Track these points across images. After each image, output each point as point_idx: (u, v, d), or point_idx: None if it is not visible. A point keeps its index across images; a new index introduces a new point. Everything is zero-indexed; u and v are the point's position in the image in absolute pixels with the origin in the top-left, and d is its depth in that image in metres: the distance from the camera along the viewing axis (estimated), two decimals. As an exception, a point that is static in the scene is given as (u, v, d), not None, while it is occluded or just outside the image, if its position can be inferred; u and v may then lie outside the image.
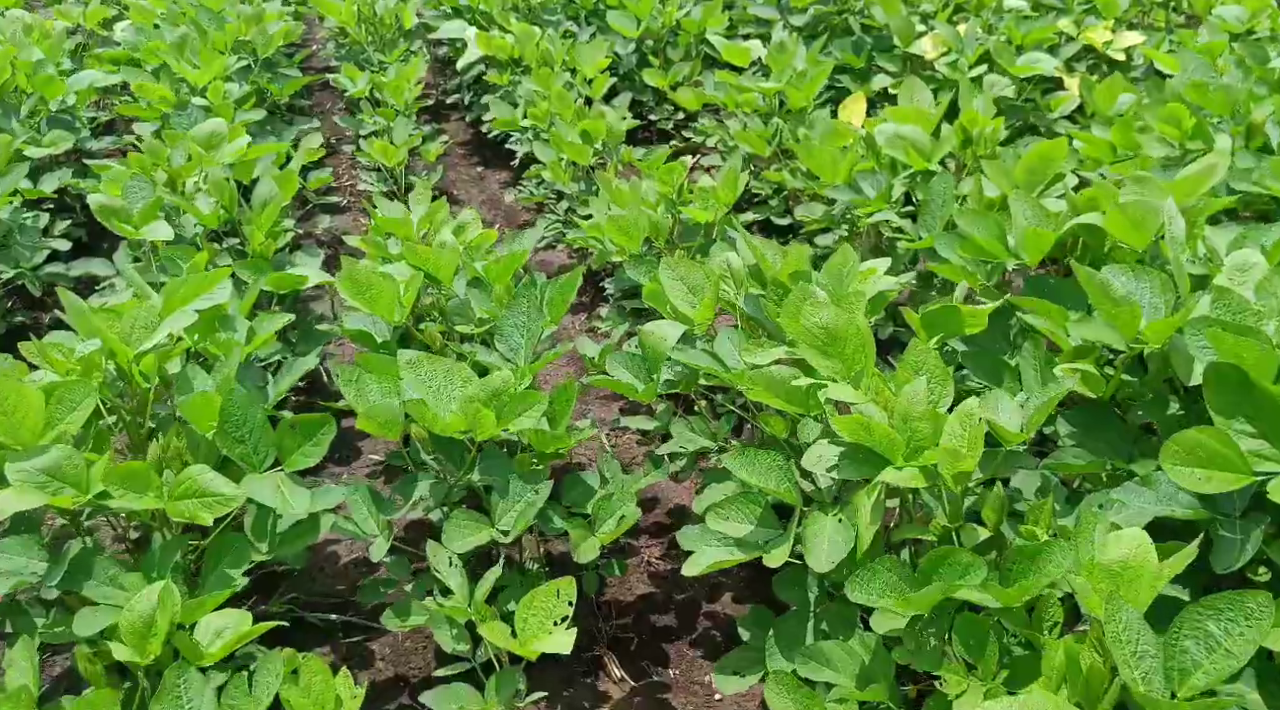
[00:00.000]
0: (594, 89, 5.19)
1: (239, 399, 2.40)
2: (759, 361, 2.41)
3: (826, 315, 2.26)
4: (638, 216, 3.48)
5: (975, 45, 4.85)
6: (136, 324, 2.57)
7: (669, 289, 2.78)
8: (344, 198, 5.61)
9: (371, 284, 2.84)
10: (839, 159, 3.66)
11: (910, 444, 2.10)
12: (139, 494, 2.20)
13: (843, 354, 2.27)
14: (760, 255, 2.66)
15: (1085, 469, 2.35)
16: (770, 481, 2.22)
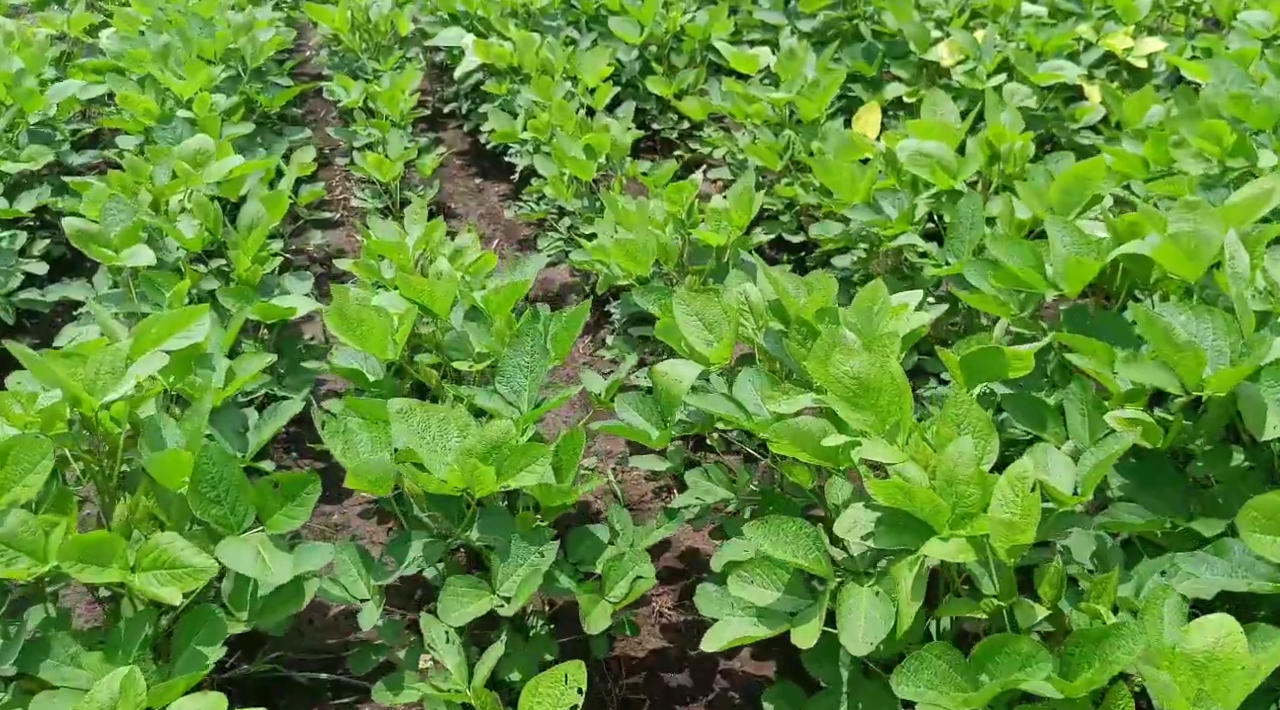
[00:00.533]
0: (596, 99, 4.96)
1: (213, 454, 2.17)
2: (784, 410, 2.19)
3: (858, 363, 2.04)
4: (646, 240, 3.25)
5: (994, 52, 4.63)
6: (102, 369, 2.34)
7: (683, 325, 2.56)
8: (337, 212, 5.38)
9: (362, 320, 2.61)
10: (858, 177, 3.43)
11: (956, 510, 1.88)
12: (101, 567, 1.97)
13: (876, 405, 2.05)
14: (783, 291, 2.44)
15: (1143, 528, 2.13)
16: (798, 552, 1.99)
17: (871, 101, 4.45)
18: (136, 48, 5.14)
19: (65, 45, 6.19)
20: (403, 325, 2.64)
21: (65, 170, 4.94)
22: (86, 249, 3.29)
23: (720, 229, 3.35)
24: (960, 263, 3.04)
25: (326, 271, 4.88)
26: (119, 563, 2.01)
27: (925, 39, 4.74)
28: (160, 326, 2.45)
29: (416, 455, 2.27)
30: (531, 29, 5.82)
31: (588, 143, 4.14)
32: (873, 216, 3.40)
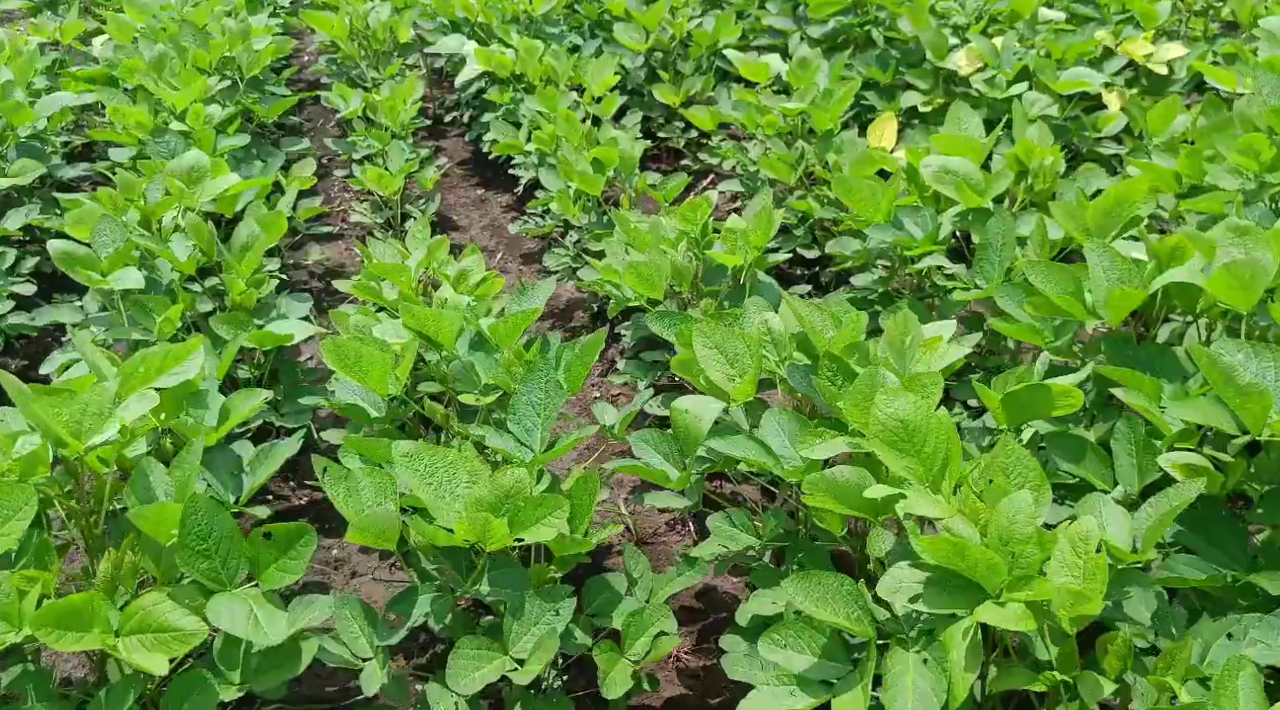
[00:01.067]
0: (603, 109, 4.80)
1: (202, 506, 2.01)
2: (818, 456, 2.03)
3: (902, 406, 1.88)
4: (660, 262, 3.09)
5: (1013, 60, 4.46)
6: (88, 410, 2.18)
7: (704, 359, 2.40)
8: (336, 225, 5.22)
9: (361, 356, 2.45)
10: (879, 194, 3.27)
11: (1012, 571, 1.72)
12: (81, 633, 1.81)
13: (921, 452, 1.89)
14: (810, 325, 2.28)
15: (1205, 584, 1.97)
16: (839, 611, 1.83)
17: (887, 111, 4.29)
18: (129, 57, 4.97)
19: (58, 53, 6.02)
20: (404, 361, 2.48)
21: (57, 184, 4.78)
22: (73, 272, 3.13)
23: (737, 249, 3.19)
24: (991, 286, 2.88)
25: (325, 286, 4.72)
26: (100, 627, 1.84)
27: (943, 46, 4.57)
28: (150, 364, 2.29)
29: (423, 518, 2.11)
30: (534, 35, 5.66)
31: (596, 157, 3.98)
32: (896, 236, 3.24)
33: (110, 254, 3.24)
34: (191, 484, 2.08)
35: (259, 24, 5.53)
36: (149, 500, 2.12)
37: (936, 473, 1.88)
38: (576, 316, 4.37)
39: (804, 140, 4.40)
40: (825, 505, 1.95)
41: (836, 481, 1.94)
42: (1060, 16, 4.74)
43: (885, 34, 5.15)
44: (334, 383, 2.91)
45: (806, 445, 2.04)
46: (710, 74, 5.37)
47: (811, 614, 1.82)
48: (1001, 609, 1.68)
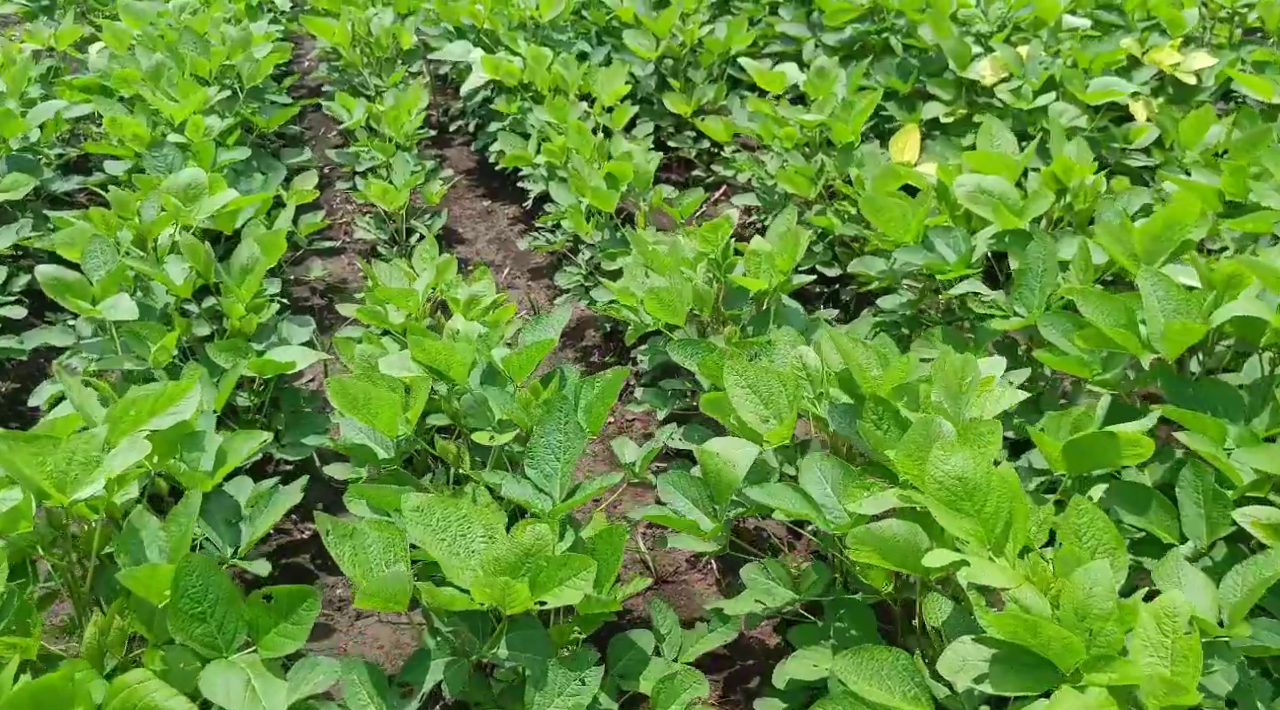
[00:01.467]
0: (614, 119, 4.62)
1: (197, 566, 1.84)
2: (866, 511, 1.86)
3: (960, 463, 1.71)
4: (681, 287, 2.92)
5: (1039, 69, 4.29)
6: (75, 459, 2.01)
7: (736, 399, 2.22)
8: (339, 238, 5.04)
9: (370, 398, 2.27)
10: (909, 214, 3.10)
11: (1090, 650, 1.55)
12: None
13: (981, 512, 1.71)
14: (855, 365, 2.10)
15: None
16: (894, 691, 1.66)
17: (909, 123, 4.12)
18: (126, 66, 4.79)
19: (53, 60, 5.84)
20: (416, 403, 2.31)
21: (50, 197, 4.60)
22: (62, 299, 2.95)
23: (761, 273, 3.01)
24: (1033, 315, 2.71)
25: (328, 304, 4.55)
26: (83, 707, 1.67)
27: (966, 55, 4.40)
28: (142, 406, 2.11)
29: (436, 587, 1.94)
30: (541, 42, 5.48)
31: (609, 172, 3.80)
32: (927, 258, 3.06)
33: (102, 277, 3.07)
34: (186, 541, 1.91)
35: (259, 31, 5.35)
36: (140, 557, 1.94)
37: (999, 535, 1.71)
38: (588, 335, 4.20)
39: (823, 153, 4.23)
40: (873, 562, 1.78)
41: (886, 538, 1.77)
42: (1086, 24, 4.56)
43: (904, 42, 4.98)
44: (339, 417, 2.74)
45: (854, 499, 1.86)
46: (722, 82, 5.20)
47: (864, 695, 1.64)
48: (1081, 694, 1.50)
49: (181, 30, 4.92)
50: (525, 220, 5.16)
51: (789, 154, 4.18)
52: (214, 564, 1.85)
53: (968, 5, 4.71)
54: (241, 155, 4.25)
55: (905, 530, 1.76)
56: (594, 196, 3.73)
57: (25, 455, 1.97)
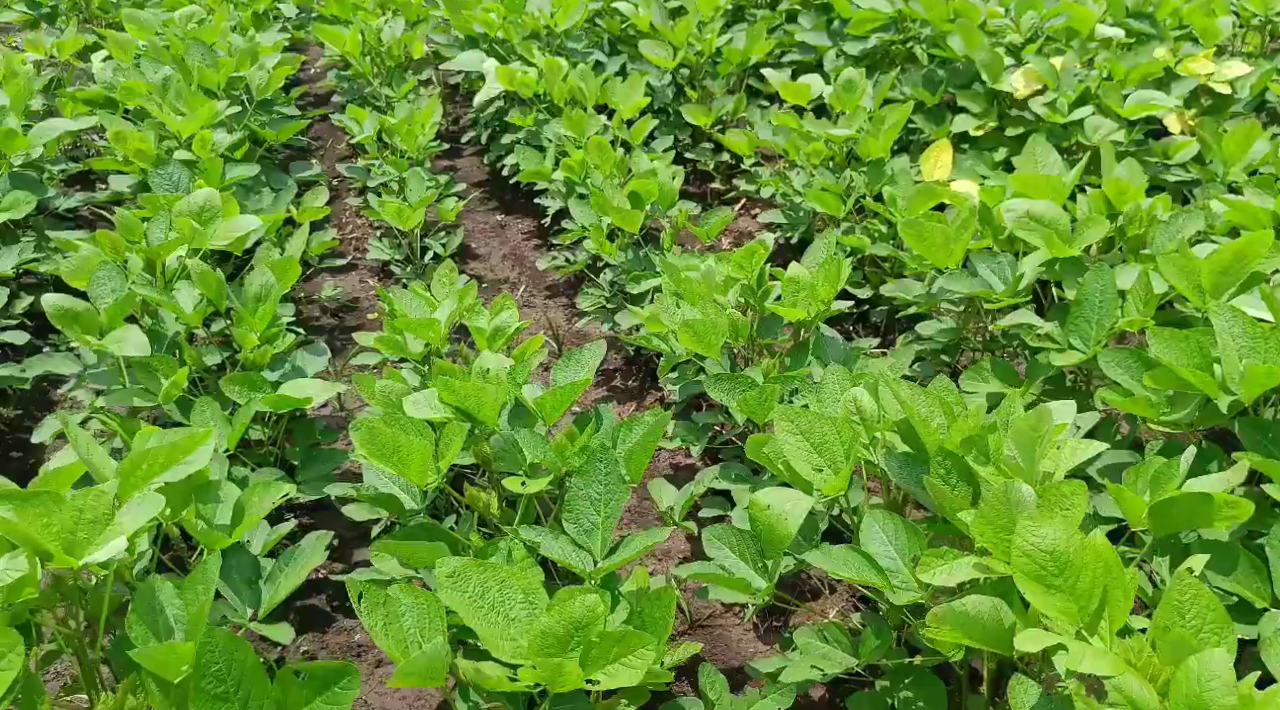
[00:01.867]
0: (633, 134, 4.47)
1: (220, 642, 1.69)
2: (940, 582, 1.71)
3: (1051, 535, 1.56)
4: (716, 319, 2.77)
5: (1074, 82, 4.14)
6: (83, 518, 1.86)
7: (787, 446, 2.08)
8: (349, 253, 4.88)
9: (399, 446, 2.12)
10: (953, 239, 2.95)
11: (1204, 749, 1.40)
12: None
13: (1074, 588, 1.57)
14: (917, 416, 1.95)
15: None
16: (984, 786, 1.52)
17: (941, 139, 3.97)
18: (131, 77, 4.64)
19: (55, 70, 5.69)
20: (447, 450, 2.16)
21: (53, 216, 4.45)
22: (69, 331, 2.80)
23: (800, 301, 2.87)
24: (1092, 350, 2.56)
25: (339, 324, 4.40)
26: (98, 805, 1.53)
27: (999, 67, 4.25)
28: (155, 459, 1.97)
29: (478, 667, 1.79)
30: (555, 52, 5.33)
31: (633, 190, 3.65)
32: (971, 286, 2.92)
33: (110, 306, 2.92)
34: (205, 612, 1.76)
35: (269, 41, 5.20)
36: (154, 628, 1.80)
37: (1093, 613, 1.56)
38: (610, 358, 4.05)
39: (851, 168, 4.08)
40: (955, 640, 1.64)
41: (969, 616, 1.62)
42: (1119, 34, 4.41)
43: (929, 51, 4.83)
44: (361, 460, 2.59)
45: (928, 569, 1.72)
46: (742, 93, 5.04)
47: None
48: (1197, 800, 1.36)
49: (188, 41, 4.76)
50: (540, 235, 5.02)
51: (818, 171, 4.03)
52: (238, 640, 1.70)
53: (997, 15, 4.56)
54: (251, 171, 4.10)
55: (988, 607, 1.62)
56: (618, 216, 3.58)
57: (30, 516, 1.82)
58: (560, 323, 4.32)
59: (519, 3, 5.46)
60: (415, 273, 4.37)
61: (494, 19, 5.29)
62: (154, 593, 1.83)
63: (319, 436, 3.17)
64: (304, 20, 6.87)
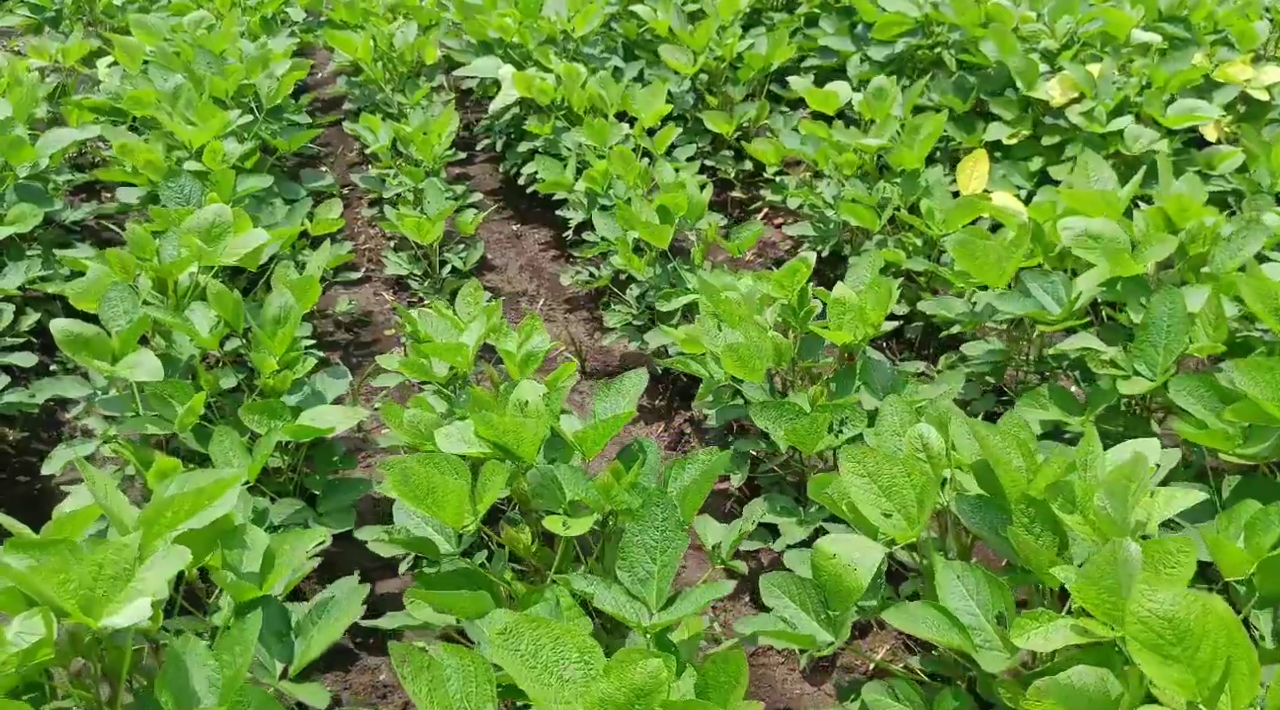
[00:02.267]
0: (656, 143, 4.32)
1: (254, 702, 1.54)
2: (1036, 647, 1.56)
3: (1170, 602, 1.42)
4: (760, 342, 2.62)
5: (1112, 89, 4.00)
6: (103, 573, 1.72)
7: (853, 489, 1.93)
8: (363, 265, 4.73)
9: (434, 487, 1.98)
10: (1005, 259, 2.81)
11: None
12: None
13: (1193, 659, 1.42)
14: (998, 458, 1.81)
15: None
16: None
17: (977, 149, 3.83)
18: (139, 86, 4.49)
19: (60, 76, 5.53)
20: (486, 492, 2.01)
21: (60, 228, 4.30)
22: (80, 357, 2.66)
23: (846, 324, 2.72)
24: (1159, 377, 2.42)
25: (354, 339, 4.25)
26: None
27: (1034, 74, 4.10)
28: (179, 507, 1.82)
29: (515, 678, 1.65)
30: (572, 58, 5.18)
31: (661, 204, 3.50)
32: (1025, 307, 2.77)
33: (122, 329, 2.77)
34: (242, 676, 1.62)
35: (279, 47, 5.04)
36: (184, 694, 1.65)
37: (1214, 686, 1.41)
38: (634, 375, 3.90)
39: (884, 180, 3.93)
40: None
41: (1074, 689, 1.47)
42: (1157, 39, 4.27)
43: (959, 57, 4.69)
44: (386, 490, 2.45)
45: (1022, 633, 1.57)
46: (764, 100, 4.90)
47: None
48: None
49: (198, 48, 4.61)
50: (557, 245, 4.87)
51: (849, 182, 3.88)
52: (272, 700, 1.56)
53: (1029, 20, 4.41)
54: (263, 183, 3.95)
55: (1094, 679, 1.47)
56: (645, 231, 3.43)
57: (45, 572, 1.67)
58: (582, 337, 4.17)
59: (535, 7, 5.31)
60: (433, 287, 4.22)
61: (510, 24, 5.14)
62: (183, 654, 1.68)
63: (339, 463, 3.02)
64: (311, 24, 6.72)
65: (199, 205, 3.64)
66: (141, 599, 1.67)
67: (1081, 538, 1.75)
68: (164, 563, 1.74)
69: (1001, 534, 1.86)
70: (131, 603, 1.68)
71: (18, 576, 1.67)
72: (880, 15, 4.87)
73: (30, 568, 1.67)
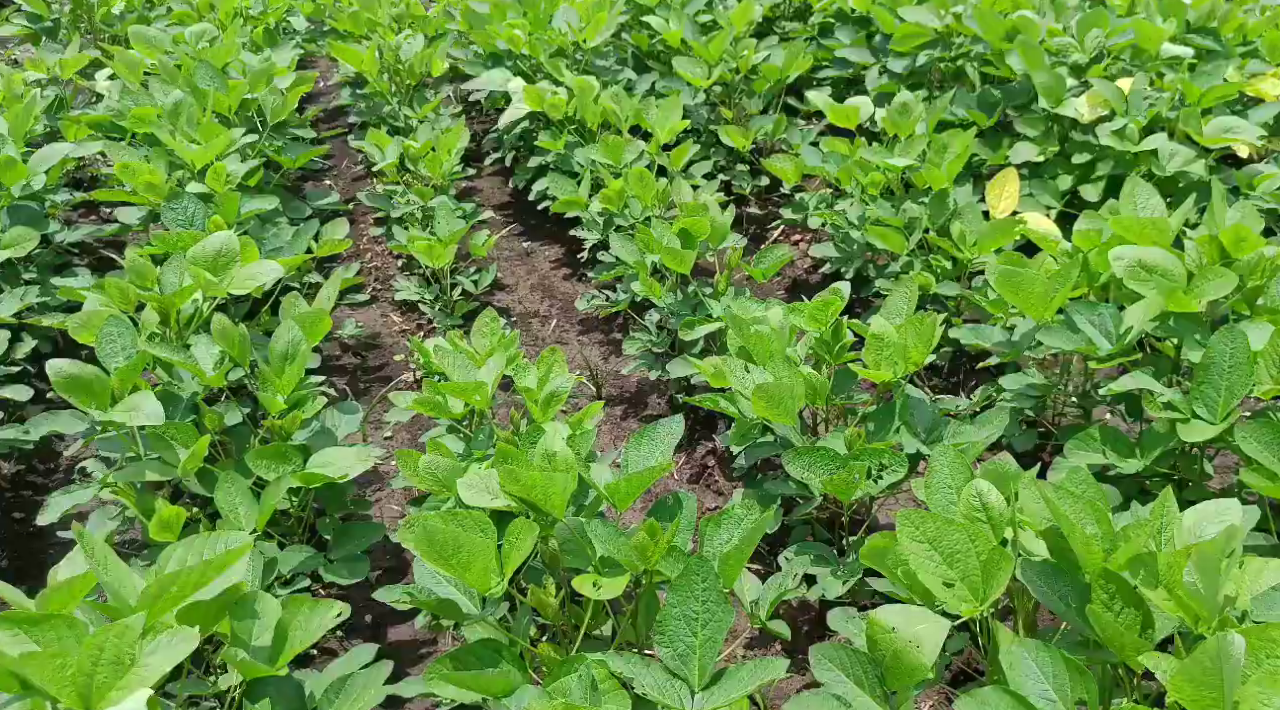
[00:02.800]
0: (673, 159, 4.17)
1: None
2: (1129, 748, 1.41)
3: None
4: (793, 383, 2.47)
5: (1144, 106, 3.85)
6: (103, 657, 1.56)
7: (912, 557, 1.78)
8: (370, 284, 4.57)
9: (460, 546, 1.83)
10: (1052, 292, 2.65)
11: None
12: None
13: (1312, 772, 1.28)
14: (1070, 524, 1.66)
15: None
16: None
17: (1007, 168, 3.67)
18: (140, 101, 4.33)
19: (58, 89, 5.37)
20: (515, 552, 1.86)
21: (56, 250, 4.14)
22: (77, 400, 2.50)
23: (884, 362, 2.57)
24: (1221, 422, 2.27)
25: (361, 363, 4.09)
26: None
27: (1061, 89, 3.95)
28: (186, 581, 1.67)
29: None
30: (583, 70, 5.03)
31: (683, 228, 3.35)
32: (1074, 342, 2.62)
33: (121, 366, 2.62)
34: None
35: (283, 60, 4.89)
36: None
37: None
38: (652, 403, 3.75)
39: (910, 198, 3.78)
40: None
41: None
42: (1188, 53, 4.11)
43: (982, 70, 4.53)
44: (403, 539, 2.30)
45: (1114, 732, 1.42)
46: (781, 115, 4.74)
47: None
48: None
49: (199, 61, 4.45)
50: (569, 263, 4.72)
51: (877, 203, 3.73)
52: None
53: (1057, 33, 4.26)
54: (269, 204, 3.80)
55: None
56: (667, 256, 3.28)
57: (39, 660, 1.52)
58: (597, 361, 4.02)
59: (544, 18, 5.16)
60: (444, 310, 4.06)
61: (519, 35, 4.98)
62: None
63: (350, 505, 2.87)
64: (314, 34, 6.56)
65: (202, 228, 3.49)
66: (142, 690, 1.52)
67: (1167, 614, 1.60)
68: (169, 649, 1.59)
69: (1074, 605, 1.70)
70: (132, 694, 1.52)
71: (12, 661, 1.51)
72: (899, 26, 4.72)
73: (23, 655, 1.52)
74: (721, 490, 3.28)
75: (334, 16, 5.97)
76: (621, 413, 3.73)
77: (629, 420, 3.68)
